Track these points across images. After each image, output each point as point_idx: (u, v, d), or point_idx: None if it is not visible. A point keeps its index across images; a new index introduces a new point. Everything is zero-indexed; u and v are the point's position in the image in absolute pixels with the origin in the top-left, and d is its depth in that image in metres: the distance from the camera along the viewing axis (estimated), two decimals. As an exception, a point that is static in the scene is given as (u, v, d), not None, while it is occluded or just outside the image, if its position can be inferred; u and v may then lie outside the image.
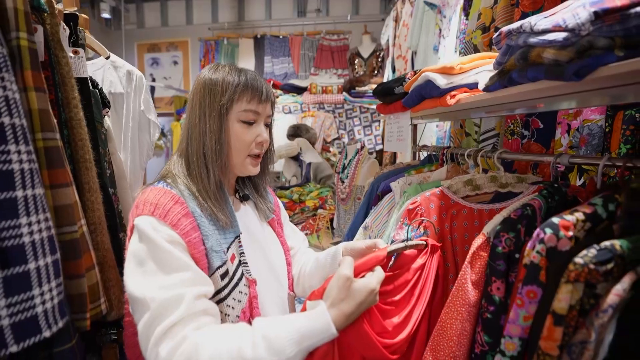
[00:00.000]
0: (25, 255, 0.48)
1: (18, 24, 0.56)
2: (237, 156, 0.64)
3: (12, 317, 0.46)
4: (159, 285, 0.50)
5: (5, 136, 0.48)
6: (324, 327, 0.49)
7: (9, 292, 0.46)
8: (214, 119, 0.61)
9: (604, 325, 0.44)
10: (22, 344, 0.46)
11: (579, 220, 0.52)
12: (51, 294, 0.50)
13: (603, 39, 0.48)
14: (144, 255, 0.52)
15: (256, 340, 0.48)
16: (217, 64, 0.65)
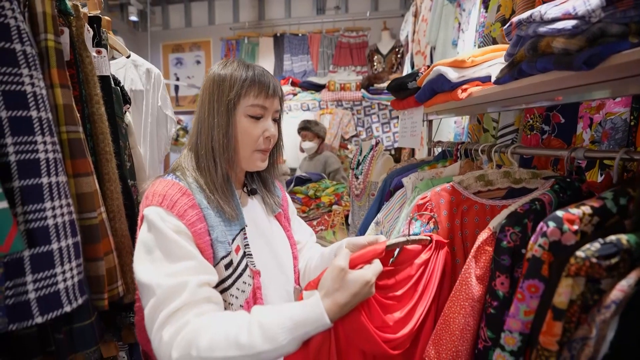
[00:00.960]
0: (49, 237, 0.53)
1: (46, 26, 0.62)
2: (244, 150, 0.65)
3: (38, 291, 0.51)
4: (165, 273, 0.53)
5: (33, 128, 0.53)
6: (317, 316, 0.50)
7: (35, 269, 0.51)
8: (222, 113, 0.62)
9: (605, 321, 0.42)
10: (46, 316, 0.51)
11: (585, 214, 0.51)
12: (72, 272, 0.55)
13: (616, 26, 0.46)
14: (152, 244, 0.55)
15: (252, 327, 0.50)
16: (226, 59, 0.67)
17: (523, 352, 0.53)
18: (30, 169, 0.52)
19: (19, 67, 0.54)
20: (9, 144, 0.52)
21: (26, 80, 0.54)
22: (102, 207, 0.69)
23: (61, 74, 0.62)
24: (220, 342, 0.49)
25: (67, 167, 0.61)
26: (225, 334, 0.50)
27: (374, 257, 0.60)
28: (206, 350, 0.49)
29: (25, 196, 0.52)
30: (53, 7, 0.62)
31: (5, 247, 0.47)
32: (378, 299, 0.61)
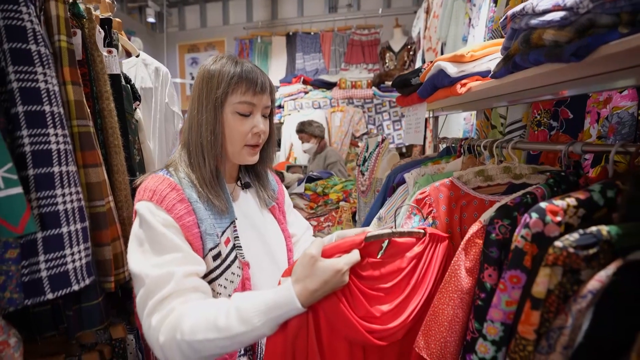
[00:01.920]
0: (60, 221, 0.57)
1: (59, 28, 0.67)
2: (233, 146, 0.65)
3: (49, 270, 0.55)
4: (153, 264, 0.56)
5: (46, 121, 0.58)
6: (288, 300, 0.53)
7: (46, 250, 0.56)
8: (209, 110, 0.63)
9: (581, 310, 0.43)
10: (56, 293, 0.56)
11: (570, 205, 0.51)
12: (80, 254, 0.60)
13: (606, 16, 0.45)
14: (142, 237, 0.57)
15: (230, 311, 0.53)
16: (218, 55, 0.66)
17: (506, 343, 0.53)
18: (43, 158, 0.57)
19: (34, 65, 0.59)
20: (25, 136, 0.57)
21: (40, 77, 0.59)
22: (110, 197, 0.74)
23: (73, 72, 0.67)
24: (201, 326, 0.52)
25: (77, 158, 0.66)
26: (206, 318, 0.53)
27: (352, 248, 0.61)
28: (189, 334, 0.52)
29: (38, 183, 0.57)
30: (66, 11, 0.67)
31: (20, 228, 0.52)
32: (362, 290, 0.62)
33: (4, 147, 0.53)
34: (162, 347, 0.53)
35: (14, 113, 0.57)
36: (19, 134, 0.57)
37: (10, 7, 0.56)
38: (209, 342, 0.52)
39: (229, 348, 0.54)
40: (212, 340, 0.52)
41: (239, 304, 0.53)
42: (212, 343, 0.53)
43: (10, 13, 0.55)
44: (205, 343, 0.52)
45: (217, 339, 0.52)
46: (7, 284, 0.54)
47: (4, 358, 0.52)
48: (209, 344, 0.52)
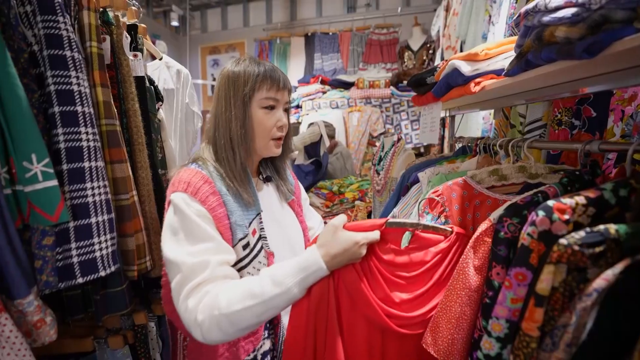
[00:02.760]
0: (89, 212, 0.63)
1: (91, 35, 0.73)
2: (260, 139, 0.70)
3: (79, 257, 0.61)
4: (188, 252, 0.60)
5: (78, 121, 0.64)
6: (314, 260, 0.59)
7: (77, 238, 0.61)
8: (238, 107, 0.67)
9: (586, 309, 0.43)
10: (85, 277, 0.61)
11: (578, 204, 0.50)
12: (106, 243, 0.65)
13: (621, 12, 0.44)
14: (177, 226, 0.61)
15: (262, 279, 0.58)
16: (238, 58, 0.71)
17: (511, 340, 0.53)
18: (75, 154, 0.63)
19: (68, 70, 0.64)
20: (60, 134, 0.63)
21: (74, 80, 0.64)
22: (134, 191, 0.79)
23: (102, 75, 0.73)
24: (237, 297, 0.57)
25: (105, 155, 0.72)
26: (241, 290, 0.58)
27: (373, 229, 0.64)
28: (226, 307, 0.56)
29: (71, 177, 0.62)
30: (97, 19, 0.73)
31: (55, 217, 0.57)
32: (382, 272, 0.64)
33: (43, 144, 0.59)
34: (200, 326, 0.57)
35: (50, 113, 0.63)
36: (54, 132, 0.63)
37: (49, 18, 0.62)
38: (246, 311, 0.56)
39: (264, 315, 0.58)
40: (249, 308, 0.56)
41: (270, 272, 0.59)
42: (248, 311, 0.56)
43: (49, 23, 0.61)
44: (242, 312, 0.56)
45: (253, 305, 0.56)
46: (44, 268, 0.60)
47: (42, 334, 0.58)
48: (246, 312, 0.56)
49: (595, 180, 0.66)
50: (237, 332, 0.58)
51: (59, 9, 0.62)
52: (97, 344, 0.82)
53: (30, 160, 0.56)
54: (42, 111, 0.64)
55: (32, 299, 0.57)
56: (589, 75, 0.61)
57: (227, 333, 0.58)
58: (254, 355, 0.68)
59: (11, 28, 0.58)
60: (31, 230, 0.60)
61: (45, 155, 0.58)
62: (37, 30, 0.62)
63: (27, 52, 0.62)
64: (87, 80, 0.69)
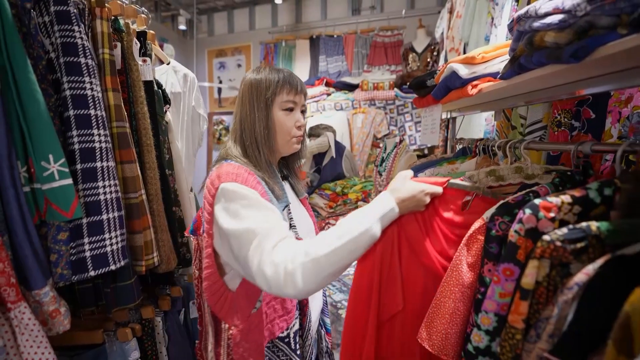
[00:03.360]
0: (100, 209, 0.67)
1: (104, 43, 0.77)
2: (281, 137, 0.76)
3: (91, 251, 0.65)
4: (260, 219, 0.63)
5: (91, 123, 0.68)
6: (388, 202, 0.65)
7: (90, 233, 0.65)
8: (261, 110, 0.74)
9: (567, 301, 0.45)
10: (97, 271, 0.65)
11: (564, 202, 0.52)
12: (117, 239, 0.69)
13: (606, 18, 0.46)
14: (237, 207, 0.64)
15: (344, 225, 0.63)
16: (257, 67, 0.79)
17: (499, 333, 0.55)
18: (88, 155, 0.67)
19: (82, 75, 0.69)
20: (74, 136, 0.67)
21: (87, 86, 0.69)
22: (143, 190, 0.83)
23: (113, 80, 0.77)
24: (324, 242, 0.61)
25: (115, 156, 0.76)
26: (326, 236, 0.62)
27: (435, 185, 0.70)
28: (314, 253, 0.60)
29: (84, 176, 0.66)
30: (109, 27, 0.77)
31: (70, 213, 0.61)
32: (441, 228, 0.69)
33: (59, 145, 0.64)
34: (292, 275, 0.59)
35: (66, 116, 0.68)
36: (69, 134, 0.67)
37: (66, 27, 0.66)
38: (333, 254, 0.60)
39: (349, 257, 0.61)
40: (336, 250, 0.60)
41: (349, 217, 0.64)
42: (335, 255, 0.60)
43: (65, 32, 0.66)
44: (329, 256, 0.60)
45: (340, 247, 0.60)
46: (59, 262, 0.64)
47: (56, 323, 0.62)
48: (333, 256, 0.60)
49: (587, 180, 0.68)
50: (327, 277, 0.61)
51: (74, 18, 0.67)
52: (107, 336, 0.86)
53: (48, 160, 0.61)
54: (58, 114, 0.68)
55: (48, 290, 0.61)
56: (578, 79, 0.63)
57: (312, 280, 0.60)
58: (287, 333, 0.71)
59: (31, 37, 0.63)
60: (47, 225, 0.64)
61: (61, 156, 0.62)
62: (54, 39, 0.66)
63: (45, 59, 0.67)
64: (99, 85, 0.73)
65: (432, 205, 0.70)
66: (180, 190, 1.11)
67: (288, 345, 0.71)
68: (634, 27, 0.42)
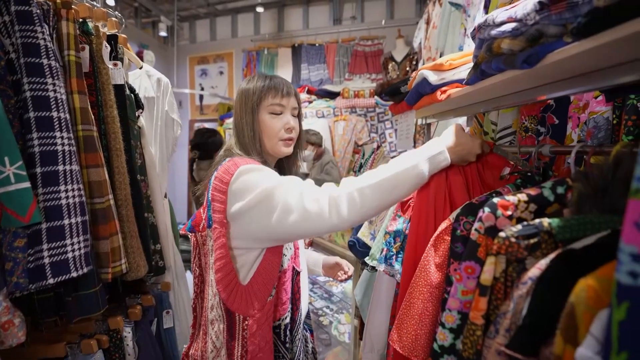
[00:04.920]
0: (62, 214, 0.64)
1: (69, 44, 0.75)
2: (269, 141, 0.78)
3: (51, 257, 0.62)
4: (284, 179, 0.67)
5: (53, 126, 0.66)
6: (436, 144, 0.68)
7: (49, 239, 0.63)
8: (248, 114, 0.77)
9: (522, 296, 0.46)
10: (57, 278, 0.62)
11: (520, 200, 0.54)
12: (79, 245, 0.66)
13: (554, 27, 0.49)
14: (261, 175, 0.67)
15: (392, 160, 0.65)
16: (250, 76, 0.82)
17: (463, 331, 0.56)
18: (49, 158, 0.65)
19: (45, 77, 0.67)
20: (34, 138, 0.64)
21: (50, 87, 0.67)
22: (111, 195, 0.81)
23: (79, 83, 0.75)
24: (369, 175, 0.63)
25: (81, 159, 0.74)
26: (370, 172, 0.64)
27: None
28: (359, 183, 0.62)
29: (44, 180, 0.64)
30: (75, 29, 0.76)
31: (27, 218, 0.59)
32: (481, 182, 0.73)
33: (16, 147, 0.61)
34: (332, 202, 0.61)
35: (26, 118, 0.65)
36: (29, 137, 0.65)
37: (27, 27, 0.65)
38: (378, 186, 0.62)
39: (393, 193, 0.63)
40: (381, 183, 0.62)
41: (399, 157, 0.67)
42: (380, 187, 0.62)
43: (27, 32, 0.64)
44: (374, 188, 0.62)
45: (386, 179, 0.62)
46: (15, 270, 0.61)
47: (9, 335, 0.58)
48: (378, 188, 0.62)
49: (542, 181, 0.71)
50: (370, 209, 0.63)
51: (37, 19, 0.65)
52: (70, 349, 0.82)
53: (3, 163, 0.58)
54: (18, 116, 0.66)
55: (1, 299, 0.58)
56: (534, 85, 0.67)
57: (363, 210, 0.62)
58: (279, 323, 0.74)
59: (-12, 37, 0.61)
60: (3, 232, 0.61)
61: (18, 159, 0.60)
62: (14, 39, 0.64)
63: (4, 59, 0.64)
64: (64, 87, 0.71)
65: (477, 167, 0.73)
66: (153, 196, 1.09)
67: (278, 336, 0.74)
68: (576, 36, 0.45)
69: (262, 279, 0.71)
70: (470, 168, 0.73)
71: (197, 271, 0.77)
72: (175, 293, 1.22)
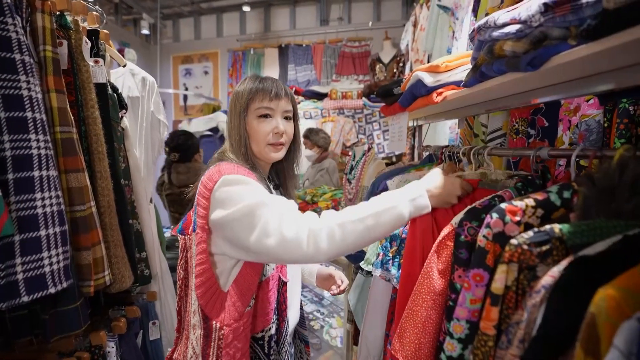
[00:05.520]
0: (38, 224, 0.58)
1: (45, 38, 0.69)
2: (257, 145, 0.76)
3: (25, 273, 0.56)
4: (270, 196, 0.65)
5: (28, 127, 0.60)
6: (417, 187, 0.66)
7: (23, 252, 0.57)
8: (236, 118, 0.76)
9: (535, 305, 0.45)
10: (32, 295, 0.56)
11: (528, 206, 0.53)
12: (58, 257, 0.60)
13: (557, 29, 0.49)
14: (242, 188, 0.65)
15: (371, 201, 0.64)
16: (245, 78, 0.80)
17: (471, 340, 0.55)
18: (23, 163, 0.59)
19: (17, 73, 0.61)
20: (6, 141, 0.58)
21: (23, 85, 0.61)
22: (92, 202, 0.75)
23: (57, 81, 0.69)
24: (350, 211, 0.63)
25: (59, 164, 0.68)
26: (351, 208, 0.64)
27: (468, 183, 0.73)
28: (342, 218, 0.62)
29: (17, 187, 0.58)
30: (52, 22, 0.70)
31: (-3, 230, 0.53)
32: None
33: (-15, 152, 0.55)
34: (311, 233, 0.60)
35: (-4, 119, 0.59)
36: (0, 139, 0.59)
37: (-4, 19, 0.58)
38: (360, 222, 0.61)
39: (373, 230, 0.62)
40: (363, 219, 0.61)
41: (378, 196, 0.65)
42: (361, 223, 0.61)
43: (-5, 24, 0.58)
44: (356, 224, 0.61)
45: (366, 217, 0.61)
46: (-17, 287, 0.54)
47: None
48: (359, 224, 0.61)
49: (546, 184, 0.70)
50: (350, 245, 0.62)
51: (7, 10, 0.59)
52: (48, 368, 0.75)
53: (-30, 169, 0.52)
54: (-13, 117, 0.59)
55: (-31, 320, 0.52)
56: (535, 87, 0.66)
57: (342, 244, 0.61)
58: (262, 335, 0.72)
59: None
60: (-30, 245, 0.55)
61: (-13, 164, 0.54)
62: (-18, 32, 0.58)
63: (-29, 54, 0.58)
64: (39, 85, 0.65)
65: (464, 205, 0.72)
66: (138, 202, 1.03)
67: (262, 348, 0.72)
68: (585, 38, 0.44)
69: (240, 288, 0.70)
70: (460, 208, 0.72)
71: (181, 274, 0.76)
72: (161, 302, 1.16)
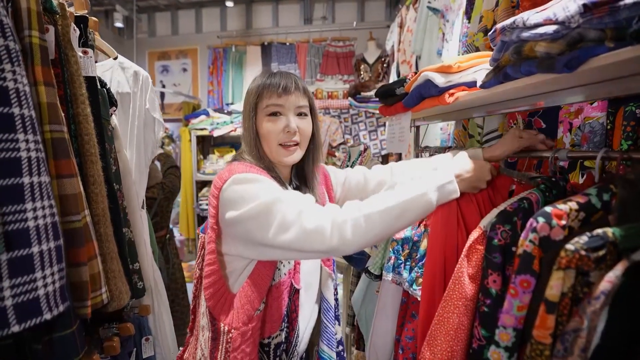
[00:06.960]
0: (30, 239, 0.50)
1: (31, 22, 0.60)
2: (268, 146, 0.72)
3: (15, 297, 0.47)
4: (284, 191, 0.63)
5: (15, 126, 0.51)
6: (445, 172, 0.65)
7: (12, 273, 0.48)
8: (247, 119, 0.73)
9: (596, 312, 0.43)
10: (24, 324, 0.48)
11: (572, 209, 0.52)
12: (53, 277, 0.52)
13: (593, 31, 0.49)
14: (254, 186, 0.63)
15: (401, 185, 0.62)
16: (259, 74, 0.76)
17: (517, 348, 0.53)
18: (10, 167, 0.50)
19: (2, 62, 0.51)
20: (-11, 142, 0.49)
21: (9, 75, 0.52)
22: (87, 210, 0.66)
23: (45, 72, 0.60)
24: (376, 201, 0.60)
25: (50, 168, 0.59)
26: (377, 196, 0.62)
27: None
28: (367, 209, 0.59)
29: (4, 196, 0.49)
30: (39, 4, 0.61)
31: (-19, 249, 0.44)
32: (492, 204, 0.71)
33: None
34: (334, 225, 0.58)
35: (-25, 116, 0.50)
36: (-19, 140, 0.50)
37: (-27, -3, 0.49)
38: (386, 213, 0.59)
39: (400, 220, 0.60)
40: (389, 209, 0.59)
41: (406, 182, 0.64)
42: (388, 214, 0.59)
43: (-27, 3, 0.49)
44: (382, 214, 0.59)
45: (393, 206, 0.59)
46: (-37, 316, 0.45)
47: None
48: (385, 214, 0.59)
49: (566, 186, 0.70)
50: (376, 236, 0.60)
51: (-12, -13, 0.50)
52: (34, 401, 0.65)
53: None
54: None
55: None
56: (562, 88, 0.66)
57: (368, 235, 0.59)
58: (268, 341, 0.70)
59: None
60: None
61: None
62: (-43, 12, 0.48)
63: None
64: (25, 76, 0.56)
65: (488, 192, 0.72)
66: (129, 208, 0.94)
67: (267, 355, 0.70)
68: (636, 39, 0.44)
69: (251, 290, 0.68)
70: (482, 194, 0.73)
71: (197, 272, 0.74)
72: (155, 316, 1.06)
